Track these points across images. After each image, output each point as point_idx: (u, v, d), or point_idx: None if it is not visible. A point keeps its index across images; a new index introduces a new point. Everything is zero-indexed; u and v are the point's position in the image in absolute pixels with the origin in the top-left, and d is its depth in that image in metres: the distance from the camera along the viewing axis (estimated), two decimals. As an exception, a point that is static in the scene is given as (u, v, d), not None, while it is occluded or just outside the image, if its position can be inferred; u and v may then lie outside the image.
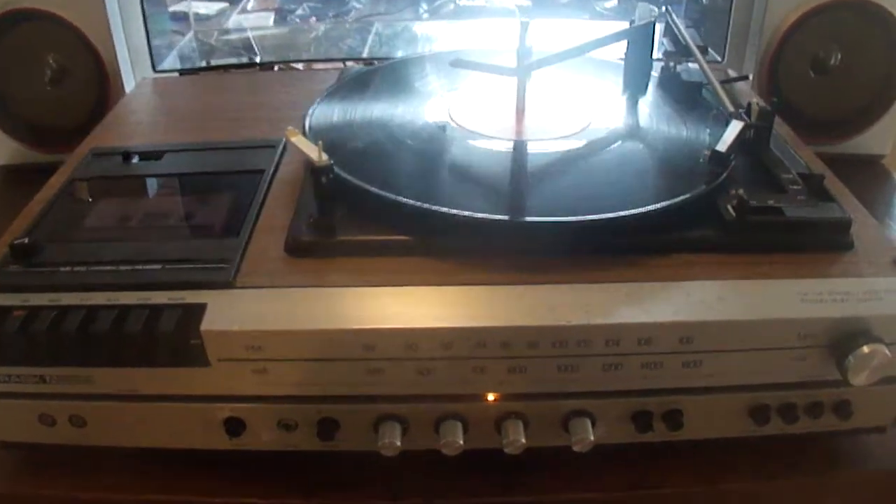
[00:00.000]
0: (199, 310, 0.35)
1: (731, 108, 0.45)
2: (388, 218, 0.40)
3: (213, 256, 0.38)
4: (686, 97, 0.54)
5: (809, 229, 0.39)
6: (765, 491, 0.41)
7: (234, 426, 0.38)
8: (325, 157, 0.38)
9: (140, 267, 0.38)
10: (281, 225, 0.41)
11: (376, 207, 0.40)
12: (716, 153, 0.42)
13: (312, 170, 0.39)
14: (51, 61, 0.65)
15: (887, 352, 0.35)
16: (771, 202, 0.40)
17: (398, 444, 0.36)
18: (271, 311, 0.35)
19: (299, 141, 0.40)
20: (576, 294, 0.36)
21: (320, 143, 0.39)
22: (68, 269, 0.38)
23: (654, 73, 0.57)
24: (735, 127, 0.43)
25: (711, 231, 0.39)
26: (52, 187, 0.46)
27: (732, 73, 0.62)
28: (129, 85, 0.65)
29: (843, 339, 0.36)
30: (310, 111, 0.49)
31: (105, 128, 0.54)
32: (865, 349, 0.35)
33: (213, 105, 0.57)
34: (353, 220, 0.40)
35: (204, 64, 0.64)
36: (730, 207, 0.40)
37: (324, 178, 0.39)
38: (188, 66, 0.69)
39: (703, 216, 0.40)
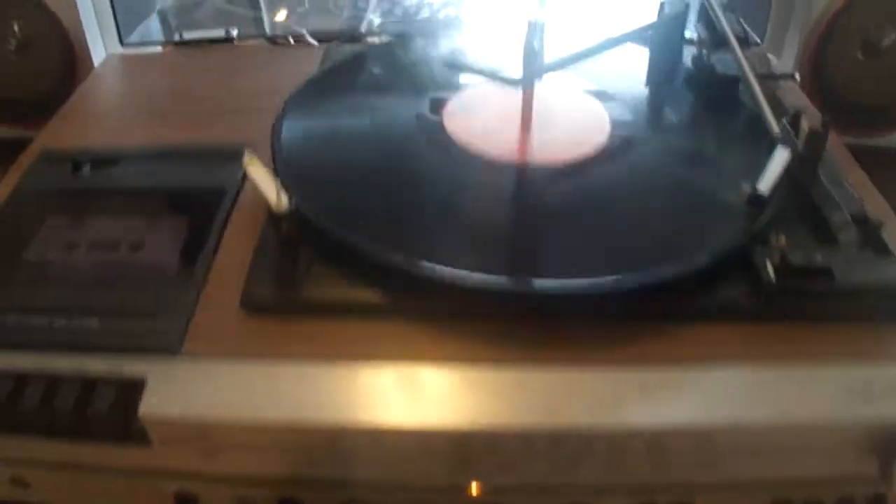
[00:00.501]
0: (137, 387, 0.31)
1: (777, 130, 0.38)
2: (360, 270, 0.34)
3: (158, 309, 0.33)
4: (721, 95, 0.46)
5: (862, 297, 0.33)
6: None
7: (185, 501, 0.34)
8: (284, 200, 0.32)
9: (76, 321, 0.33)
10: (239, 267, 0.35)
11: (346, 256, 0.34)
12: (756, 195, 0.35)
13: (270, 216, 0.33)
14: (15, 29, 0.59)
15: (942, 461, 0.30)
16: (819, 258, 0.34)
17: (366, 536, 0.32)
18: (220, 393, 0.30)
19: (257, 173, 0.33)
20: (579, 383, 0.30)
21: (278, 181, 0.32)
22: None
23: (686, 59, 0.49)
24: (780, 157, 0.36)
25: (744, 294, 0.33)
26: (-5, 201, 0.41)
27: (774, 60, 0.54)
28: (97, 57, 0.58)
29: (891, 441, 0.30)
30: (275, 123, 0.42)
31: (61, 120, 0.48)
32: (918, 462, 0.30)
33: (182, 92, 0.50)
34: (320, 269, 0.34)
35: (177, 36, 0.56)
36: (769, 266, 0.33)
37: (284, 226, 0.33)
38: (167, 31, 0.62)
39: (735, 270, 0.34)
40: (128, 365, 0.31)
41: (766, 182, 0.35)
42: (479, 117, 0.42)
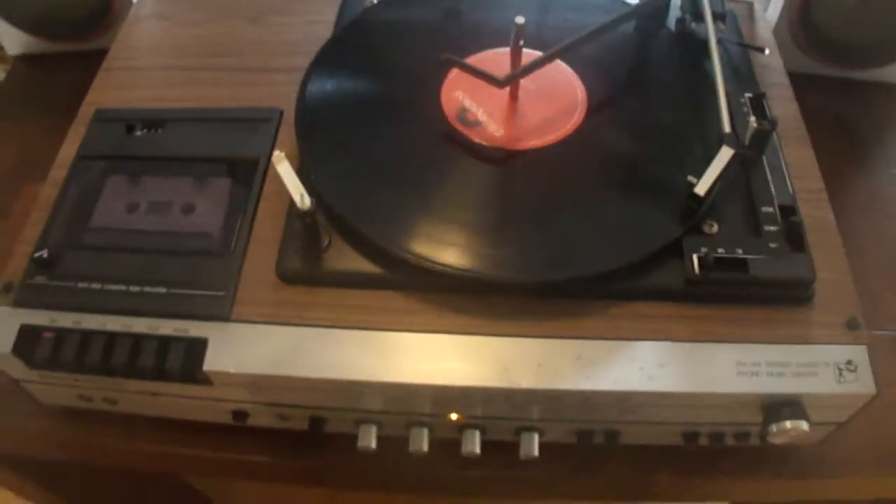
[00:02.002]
0: (201, 345, 0.41)
1: (727, 127, 0.44)
2: (367, 251, 0.42)
3: (210, 281, 0.42)
4: (702, 63, 0.51)
5: (770, 287, 0.41)
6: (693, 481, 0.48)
7: (240, 415, 0.45)
8: (307, 201, 0.40)
9: (147, 289, 0.42)
10: (273, 237, 0.44)
11: (358, 239, 0.43)
12: (694, 195, 0.42)
13: (292, 211, 0.40)
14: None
15: (806, 428, 0.39)
16: (739, 251, 0.41)
17: (373, 446, 0.43)
18: (264, 354, 0.40)
19: (285, 173, 0.40)
20: (530, 350, 0.40)
21: (302, 193, 0.40)
22: (86, 285, 0.43)
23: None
24: (723, 157, 0.42)
25: (673, 282, 0.41)
26: (62, 164, 0.49)
27: (758, 11, 0.56)
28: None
29: (772, 407, 0.40)
30: (297, 102, 0.48)
31: (106, 74, 0.54)
32: (788, 424, 0.39)
33: (213, 40, 0.55)
34: (339, 242, 0.43)
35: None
36: (695, 260, 0.41)
37: (307, 221, 0.41)
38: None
39: (668, 258, 0.42)
40: (193, 328, 0.41)
41: (705, 183, 0.42)
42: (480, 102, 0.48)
